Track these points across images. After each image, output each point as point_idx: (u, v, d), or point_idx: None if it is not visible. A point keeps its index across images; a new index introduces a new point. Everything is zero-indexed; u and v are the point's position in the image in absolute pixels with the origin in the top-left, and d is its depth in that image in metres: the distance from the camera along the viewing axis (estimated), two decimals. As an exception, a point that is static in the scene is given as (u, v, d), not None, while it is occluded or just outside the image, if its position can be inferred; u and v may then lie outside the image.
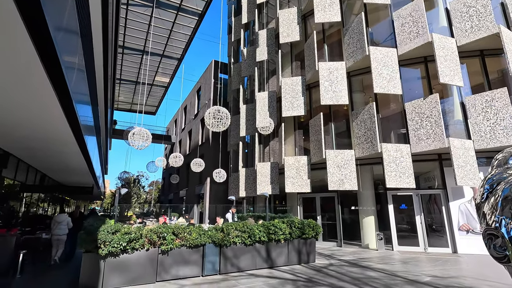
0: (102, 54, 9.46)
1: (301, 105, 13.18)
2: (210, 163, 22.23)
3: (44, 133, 5.74)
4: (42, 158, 9.43)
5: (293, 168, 12.80)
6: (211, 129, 10.25)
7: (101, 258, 5.50)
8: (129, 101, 34.74)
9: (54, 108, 4.20)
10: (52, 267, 7.59)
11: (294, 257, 7.88)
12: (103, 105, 14.67)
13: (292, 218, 8.43)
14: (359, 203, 11.96)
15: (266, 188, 13.91)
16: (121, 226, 5.93)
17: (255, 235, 7.21)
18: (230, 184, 18.27)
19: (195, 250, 6.52)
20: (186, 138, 32.48)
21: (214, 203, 23.36)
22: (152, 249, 6.03)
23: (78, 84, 4.37)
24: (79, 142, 6.66)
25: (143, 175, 49.20)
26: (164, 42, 19.77)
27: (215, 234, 6.75)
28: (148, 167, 22.13)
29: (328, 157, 11.55)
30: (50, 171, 12.35)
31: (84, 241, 5.35)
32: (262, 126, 12.16)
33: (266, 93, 15.40)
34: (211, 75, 26.62)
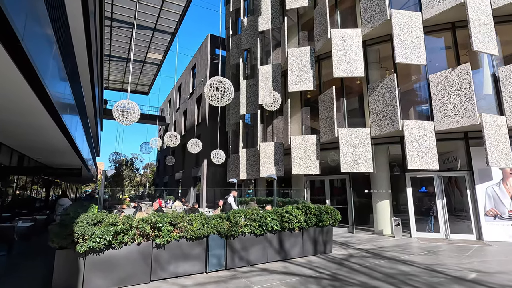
0: (84, 26, 8.03)
1: (309, 78, 11.87)
2: (207, 144, 21.03)
3: (18, 114, 5.30)
4: (18, 137, 8.16)
5: (300, 148, 11.67)
6: (212, 103, 8.95)
7: (80, 256, 4.37)
8: (120, 80, 32.80)
9: (20, 84, 3.78)
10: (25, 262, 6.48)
11: (309, 247, 6.89)
12: (89, 83, 13.18)
13: (307, 204, 7.38)
14: (372, 186, 10.99)
15: (270, 170, 12.83)
16: (105, 215, 4.77)
17: (267, 224, 6.14)
18: (229, 166, 17.17)
19: (197, 243, 5.44)
20: (181, 118, 31.01)
21: (211, 186, 22.36)
22: (144, 242, 4.92)
23: (45, 56, 3.99)
24: (55, 120, 5.79)
25: (137, 157, 47.86)
26: (156, 14, 17.90)
27: (220, 223, 5.66)
28: (141, 148, 20.87)
29: (341, 136, 10.42)
30: (29, 151, 11.03)
31: (57, 236, 4.19)
32: (268, 102, 10.88)
33: (269, 67, 13.99)
34: (207, 50, 24.86)
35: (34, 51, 3.39)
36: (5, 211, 10.98)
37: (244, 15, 17.45)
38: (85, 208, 6.15)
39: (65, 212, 5.00)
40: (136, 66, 25.69)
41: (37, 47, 3.55)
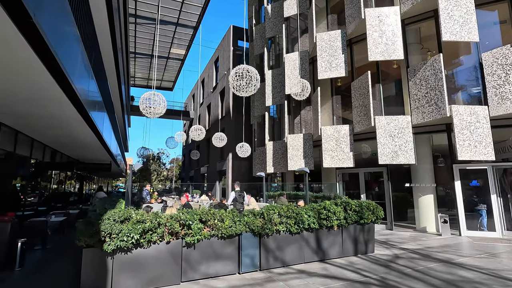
0: (108, 22, 7.99)
1: (341, 64, 11.03)
2: (231, 138, 20.74)
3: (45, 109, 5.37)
4: (49, 133, 8.28)
5: (332, 139, 10.93)
6: (237, 93, 8.47)
7: (107, 255, 4.10)
8: (145, 77, 33.39)
9: (47, 82, 3.87)
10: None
11: (349, 247, 6.27)
12: (116, 80, 13.29)
13: (345, 199, 6.73)
14: (413, 179, 10.04)
15: (299, 163, 12.21)
16: (132, 211, 4.46)
17: (303, 222, 5.60)
18: (255, 160, 16.73)
19: (228, 241, 5.02)
20: (205, 112, 31.01)
21: (237, 179, 22.10)
22: (174, 241, 4.58)
23: (73, 56, 4.10)
24: (84, 116, 5.88)
25: (163, 152, 48.98)
26: (178, 9, 17.67)
27: (253, 220, 5.20)
28: (167, 142, 21.00)
29: (378, 125, 9.55)
30: (60, 146, 11.26)
31: (83, 234, 3.93)
32: (296, 91, 10.21)
33: (296, 54, 13.25)
34: (229, 42, 24.43)
35: (62, 53, 3.47)
36: (41, 205, 11.34)
37: (267, 2, 16.73)
38: (113, 203, 5.96)
39: (93, 208, 4.78)
40: (160, 62, 25.88)
41: (65, 48, 3.61)
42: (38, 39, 2.80)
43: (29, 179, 10.19)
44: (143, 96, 7.82)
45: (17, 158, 8.21)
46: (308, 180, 8.40)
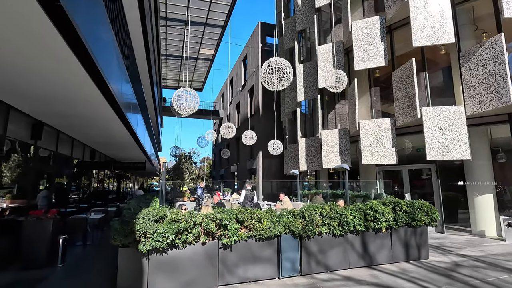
0: (141, 27, 8.16)
1: (380, 53, 10.19)
2: (261, 136, 20.41)
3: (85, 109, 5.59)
4: (90, 133, 8.57)
5: (372, 134, 10.14)
6: (269, 87, 8.09)
7: (142, 256, 3.93)
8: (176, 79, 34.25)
9: (88, 86, 4.09)
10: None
11: (399, 251, 5.62)
12: (149, 82, 13.63)
13: (391, 198, 6.07)
14: (467, 177, 8.98)
15: (334, 160, 11.55)
16: (167, 210, 4.26)
17: (348, 223, 5.08)
18: (286, 157, 16.25)
19: (267, 243, 4.66)
20: (234, 111, 31.06)
21: (267, 178, 21.78)
22: (210, 242, 4.31)
23: (110, 60, 4.28)
24: (121, 118, 6.13)
25: (194, 151, 50.10)
26: (206, 9, 17.71)
27: (293, 221, 4.79)
28: (198, 141, 21.21)
29: (426, 117, 8.64)
30: (99, 146, 11.68)
31: (118, 233, 3.78)
32: (331, 84, 9.57)
33: (329, 45, 12.56)
34: (258, 39, 24.11)
35: (100, 56, 3.59)
36: (82, 202, 11.85)
37: (297, -6, 16.12)
38: (147, 202, 5.87)
39: (128, 207, 4.67)
40: (190, 63, 26.26)
41: (102, 51, 3.71)
42: (79, 44, 2.93)
43: (72, 177, 10.65)
44: (175, 93, 7.73)
45: (60, 157, 8.55)
46: (347, 178, 7.79)
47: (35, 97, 4.83)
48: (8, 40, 2.92)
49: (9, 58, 3.34)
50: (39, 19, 2.47)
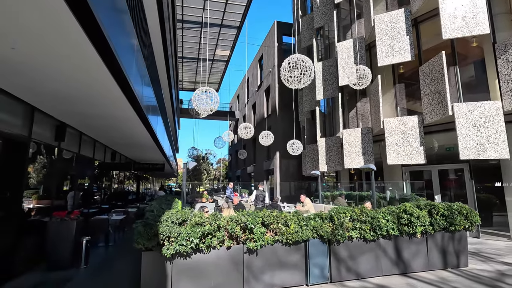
0: (160, 31, 8.29)
1: (405, 47, 9.70)
2: (278, 136, 20.14)
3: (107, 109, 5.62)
4: (111, 135, 8.67)
5: (397, 132, 9.65)
6: (290, 85, 7.85)
7: (166, 260, 3.78)
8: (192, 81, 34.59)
9: (112, 87, 4.18)
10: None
11: (436, 258, 5.20)
12: (167, 85, 13.78)
13: (423, 200, 5.66)
14: (505, 178, 8.33)
15: (357, 160, 11.11)
16: (189, 213, 4.10)
17: (380, 227, 4.74)
18: (305, 158, 15.88)
19: (294, 248, 4.41)
20: (250, 112, 30.94)
21: (285, 179, 21.46)
22: (234, 246, 4.12)
23: (133, 63, 4.41)
24: (143, 121, 6.22)
25: (210, 153, 50.42)
26: (222, 10, 17.71)
27: (321, 225, 4.51)
28: (215, 142, 21.21)
29: (458, 114, 8.10)
30: (120, 147, 11.82)
31: (141, 237, 3.65)
32: (353, 81, 9.18)
33: (350, 42, 12.14)
34: (274, 38, 23.86)
35: (125, 61, 3.73)
36: (104, 203, 12.03)
37: (315, -9, 15.76)
38: (169, 203, 5.76)
39: (150, 209, 4.56)
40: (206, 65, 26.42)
41: (125, 55, 3.80)
42: (105, 45, 2.99)
43: (94, 178, 10.81)
44: (195, 92, 7.62)
45: (82, 159, 8.66)
46: (373, 179, 7.40)
47: (59, 97, 4.82)
48: (34, 39, 2.89)
49: (36, 58, 3.31)
50: (66, 19, 2.44)
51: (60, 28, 2.62)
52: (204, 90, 7.89)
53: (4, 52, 3.13)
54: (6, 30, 2.70)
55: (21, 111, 5.19)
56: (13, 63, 3.41)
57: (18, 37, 2.82)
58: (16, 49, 3.07)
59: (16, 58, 3.27)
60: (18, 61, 3.37)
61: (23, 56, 3.24)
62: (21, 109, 5.18)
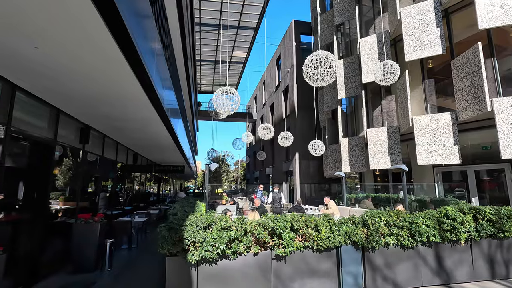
0: (180, 35, 8.35)
1: (435, 40, 9.11)
2: (297, 137, 19.76)
3: (130, 111, 5.62)
4: (134, 137, 8.75)
5: (428, 131, 9.08)
6: (313, 83, 7.55)
7: (191, 266, 3.60)
8: (210, 83, 34.89)
9: (136, 90, 4.20)
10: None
11: (482, 268, 4.72)
12: (186, 88, 13.89)
13: (465, 203, 5.18)
14: (553, 179, 7.58)
15: (383, 161, 10.58)
16: (214, 216, 3.91)
17: (420, 233, 4.34)
18: (326, 159, 15.42)
19: (325, 255, 4.11)
20: (268, 113, 30.69)
21: (304, 180, 21.01)
22: (262, 252, 3.88)
23: (156, 67, 4.43)
24: (165, 124, 6.34)
25: (228, 154, 50.66)
26: (239, 11, 17.65)
27: (354, 230, 4.18)
28: (234, 144, 21.13)
29: (499, 109, 7.46)
30: (142, 149, 11.94)
31: (166, 242, 3.50)
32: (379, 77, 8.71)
33: (373, 37, 11.63)
34: (291, 38, 23.52)
35: (149, 64, 3.75)
36: (127, 205, 12.18)
37: (334, -13, 15.33)
38: (191, 206, 5.62)
39: (173, 212, 4.42)
40: (223, 67, 26.54)
41: (149, 59, 3.83)
42: (131, 48, 3.00)
43: (116, 180, 10.96)
44: (216, 92, 7.48)
45: (106, 161, 8.76)
46: (405, 180, 6.93)
47: (84, 99, 4.81)
48: (61, 43, 2.88)
49: (62, 61, 3.30)
50: (95, 23, 2.47)
51: (87, 32, 2.62)
52: (225, 90, 7.73)
53: (28, 53, 3.07)
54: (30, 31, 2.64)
55: (47, 114, 5.23)
56: (37, 64, 3.37)
57: (41, 37, 2.77)
58: (39, 49, 3.01)
59: (39, 58, 3.22)
60: (42, 63, 3.32)
61: (46, 57, 3.19)
62: (47, 112, 5.22)
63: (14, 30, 2.64)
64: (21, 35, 2.73)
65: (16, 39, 2.79)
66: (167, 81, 6.12)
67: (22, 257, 4.76)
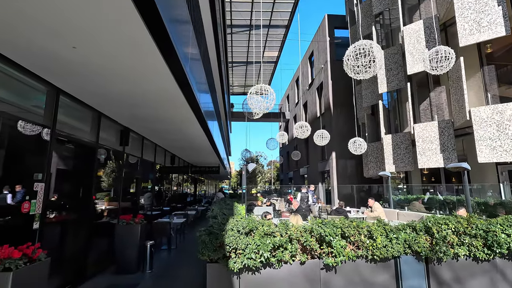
0: (213, 37, 8.38)
1: (497, 20, 8.00)
2: (334, 135, 18.89)
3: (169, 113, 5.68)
4: (171, 138, 8.91)
5: (491, 124, 7.98)
6: (356, 76, 6.98)
7: (233, 274, 3.34)
8: (242, 84, 35.08)
9: (175, 93, 4.29)
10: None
11: None
12: (220, 90, 13.97)
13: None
14: None
15: (434, 159, 9.56)
16: (256, 221, 3.62)
17: (499, 243, 3.66)
18: (366, 158, 14.50)
19: (381, 266, 3.61)
20: (301, 112, 29.97)
21: (342, 181, 20.04)
22: (309, 261, 3.50)
23: (194, 71, 4.56)
24: (200, 121, 6.22)
25: (261, 155, 50.57)
26: (270, 10, 17.38)
27: (415, 238, 3.63)
28: (267, 144, 20.84)
29: None
30: (180, 151, 12.15)
31: (206, 247, 3.27)
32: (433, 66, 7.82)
33: (419, 23, 10.61)
34: (325, 33, 22.65)
35: (188, 67, 3.84)
36: (165, 205, 12.46)
37: (372, -26, 14.37)
38: (229, 208, 5.40)
39: (212, 214, 4.21)
40: (255, 67, 26.48)
41: (187, 62, 3.91)
42: (171, 52, 3.04)
43: (155, 181, 11.24)
44: (250, 91, 7.23)
45: (145, 163, 8.95)
46: (467, 179, 6.09)
47: (124, 102, 4.84)
48: (99, 43, 2.84)
49: (104, 64, 3.31)
50: (137, 27, 2.50)
51: (125, 29, 2.59)
52: (259, 87, 7.46)
53: (68, 54, 3.04)
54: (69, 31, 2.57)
55: (89, 117, 5.35)
56: (77, 66, 3.35)
57: (80, 38, 2.74)
58: (78, 49, 2.95)
59: (79, 59, 3.18)
60: (82, 64, 3.29)
61: (85, 58, 3.15)
62: (89, 115, 5.34)
63: (53, 31, 2.58)
64: (60, 36, 2.68)
65: (56, 40, 2.74)
66: (203, 84, 6.19)
67: (70, 256, 4.89)
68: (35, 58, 3.18)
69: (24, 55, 3.11)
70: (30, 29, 2.56)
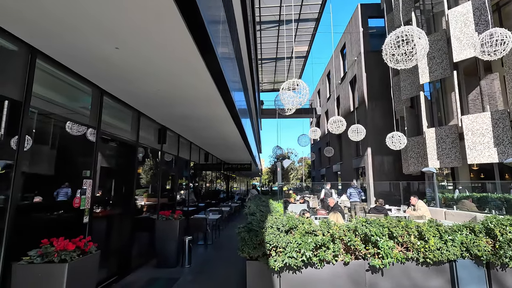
0: (244, 35, 8.47)
1: None
2: (369, 130, 18.01)
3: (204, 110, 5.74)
4: (207, 137, 9.11)
5: (557, 113, 7.05)
6: (397, 65, 6.52)
7: (273, 272, 3.26)
8: (271, 81, 34.86)
9: (212, 93, 4.36)
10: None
11: None
12: (251, 88, 13.99)
13: None
14: None
15: (487, 154, 8.71)
16: (295, 219, 3.50)
17: None
18: (406, 153, 13.66)
19: (434, 270, 3.32)
20: (333, 106, 29.08)
21: (378, 177, 19.11)
22: (353, 262, 3.31)
23: (229, 69, 4.59)
24: (234, 119, 6.25)
25: (292, 152, 50.07)
26: (299, 3, 16.95)
27: (473, 240, 3.28)
28: (299, 140, 20.52)
29: None
30: (213, 149, 12.37)
31: (246, 244, 3.23)
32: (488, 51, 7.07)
33: (467, 5, 9.68)
34: (358, 23, 21.67)
35: (224, 66, 3.85)
36: (201, 201, 12.78)
37: (410, -44, 13.40)
38: (265, 205, 5.34)
39: (250, 211, 4.17)
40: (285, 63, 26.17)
41: (223, 61, 3.94)
42: (210, 52, 3.10)
43: (190, 178, 11.56)
44: (282, 86, 7.09)
45: (181, 160, 9.22)
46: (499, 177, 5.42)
47: (162, 100, 4.97)
48: (138, 45, 2.93)
49: (140, 66, 3.42)
50: (178, 28, 2.53)
51: (175, 40, 2.72)
52: (292, 82, 7.28)
53: (110, 55, 3.14)
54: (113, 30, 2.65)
55: (130, 117, 5.58)
56: (119, 68, 3.46)
57: (125, 38, 2.82)
58: (120, 50, 3.03)
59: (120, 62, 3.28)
60: (123, 67, 3.40)
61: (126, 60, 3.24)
62: (130, 115, 5.57)
63: (96, 31, 2.67)
64: (102, 36, 2.77)
65: (98, 39, 2.83)
66: (236, 82, 6.25)
67: (116, 249, 5.16)
68: (82, 61, 3.34)
69: (73, 58, 3.28)
70: (85, 32, 2.67)
